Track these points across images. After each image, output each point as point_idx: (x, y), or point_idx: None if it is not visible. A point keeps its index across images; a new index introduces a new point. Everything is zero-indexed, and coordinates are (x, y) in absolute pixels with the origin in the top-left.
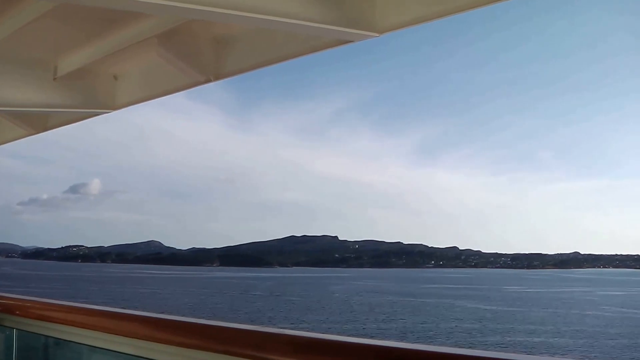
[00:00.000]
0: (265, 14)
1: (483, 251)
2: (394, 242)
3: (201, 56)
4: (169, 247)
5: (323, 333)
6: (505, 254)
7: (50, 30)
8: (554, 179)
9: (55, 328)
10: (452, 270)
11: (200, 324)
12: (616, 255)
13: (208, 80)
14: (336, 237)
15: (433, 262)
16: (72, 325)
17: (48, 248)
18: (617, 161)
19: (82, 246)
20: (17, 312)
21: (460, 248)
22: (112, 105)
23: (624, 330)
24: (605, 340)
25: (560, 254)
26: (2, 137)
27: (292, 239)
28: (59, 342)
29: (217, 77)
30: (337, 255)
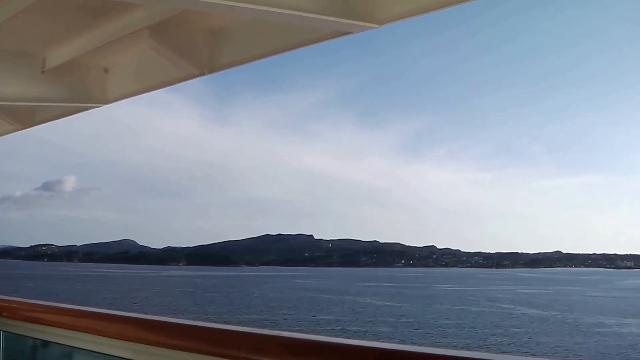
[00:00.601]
0: (261, 4)
1: (462, 250)
2: (370, 241)
3: (195, 48)
4: (143, 245)
5: (320, 335)
6: (480, 252)
7: (39, 21)
8: (544, 175)
9: (43, 330)
10: (417, 270)
11: (195, 325)
12: (592, 254)
13: (202, 74)
14: (311, 235)
15: (404, 261)
16: (61, 327)
17: (17, 247)
18: (609, 157)
19: (52, 245)
20: (4, 314)
21: (438, 247)
22: (102, 99)
23: (477, 323)
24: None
25: (537, 253)
26: None
27: (267, 237)
28: (47, 344)
29: (212, 70)
30: (307, 254)
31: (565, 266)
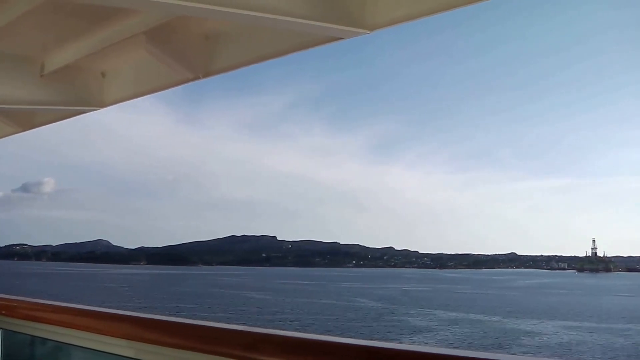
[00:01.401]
0: (255, 10)
1: (420, 251)
2: (330, 242)
3: (190, 53)
4: (116, 245)
5: (315, 334)
6: (429, 254)
7: (37, 26)
8: (514, 178)
9: (42, 328)
10: (358, 270)
11: (191, 324)
12: (539, 256)
13: (197, 78)
14: (275, 237)
15: (355, 262)
16: (60, 326)
17: None
18: (577, 162)
19: (26, 245)
20: (4, 312)
21: (395, 248)
22: (100, 102)
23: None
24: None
25: (486, 254)
26: None
27: (232, 238)
28: (46, 341)
29: (207, 75)
30: (264, 255)
31: (507, 267)
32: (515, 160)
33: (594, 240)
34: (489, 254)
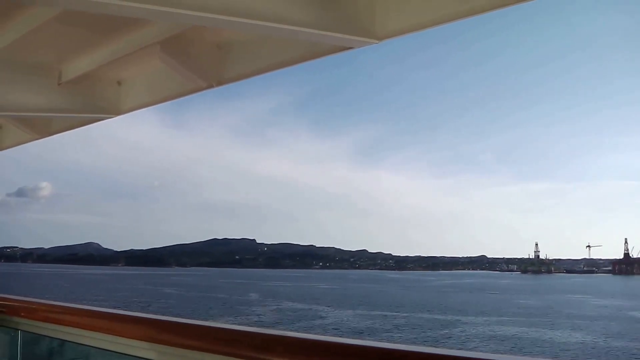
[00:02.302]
0: (266, 20)
1: (388, 254)
2: (307, 245)
3: (203, 62)
4: (106, 248)
5: (327, 335)
6: (396, 256)
7: (55, 36)
8: (496, 182)
9: (60, 330)
10: (320, 270)
11: (204, 326)
12: (499, 258)
13: (210, 86)
14: (254, 240)
15: (321, 263)
16: (78, 327)
17: None
18: (559, 164)
19: (17, 247)
20: (22, 314)
21: (369, 251)
22: (115, 110)
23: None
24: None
25: (451, 257)
26: (6, 141)
27: (214, 241)
28: (64, 343)
29: (220, 83)
30: (237, 257)
31: (466, 269)
32: (498, 164)
33: (536, 244)
34: (456, 256)
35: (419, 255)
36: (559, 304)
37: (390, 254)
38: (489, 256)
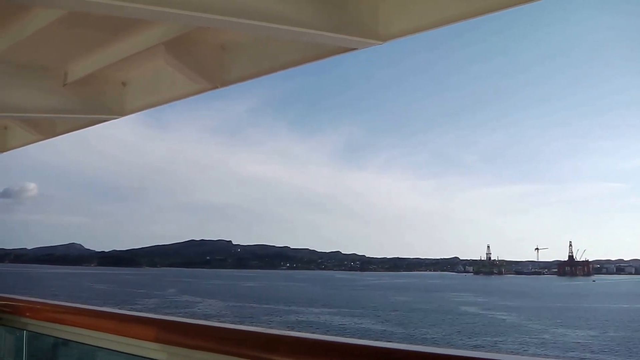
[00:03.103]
0: (270, 21)
1: (367, 255)
2: (282, 246)
3: (207, 63)
4: (88, 249)
5: (330, 335)
6: (361, 256)
7: (60, 37)
8: (478, 183)
9: (65, 330)
10: (286, 271)
11: (208, 325)
12: (465, 260)
13: (215, 87)
14: (230, 241)
15: (288, 264)
16: (82, 327)
17: None
18: (544, 167)
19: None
20: (27, 314)
21: (343, 252)
22: (120, 111)
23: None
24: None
25: (412, 258)
26: (11, 142)
27: (191, 242)
28: (68, 343)
29: (223, 84)
30: (208, 257)
31: (426, 270)
32: (482, 165)
33: (488, 246)
34: (421, 257)
35: (384, 257)
36: (417, 301)
37: (364, 256)
38: (461, 258)
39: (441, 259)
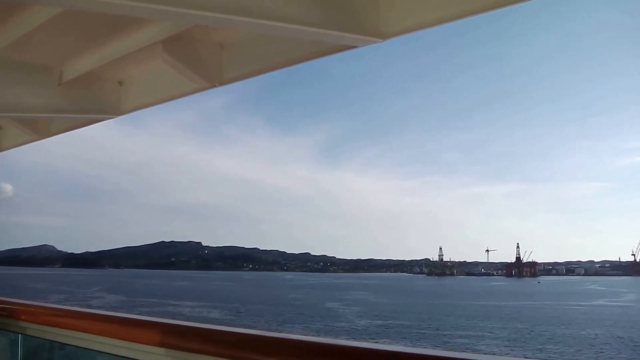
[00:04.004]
0: (269, 19)
1: (337, 257)
2: (251, 248)
3: (205, 62)
4: (60, 250)
5: (332, 338)
6: (334, 257)
7: (56, 36)
8: (459, 183)
9: (60, 333)
10: (247, 272)
11: (207, 328)
12: (415, 261)
13: (213, 86)
14: (200, 242)
15: (251, 265)
16: (78, 331)
17: None
18: (528, 167)
19: None
20: (22, 317)
21: (312, 254)
22: (117, 111)
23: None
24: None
25: (382, 259)
26: (6, 142)
27: (161, 244)
28: (64, 347)
29: (222, 83)
30: (173, 259)
31: (387, 271)
32: (466, 165)
33: (440, 248)
34: (382, 259)
35: (350, 259)
36: (308, 297)
37: (334, 257)
38: (432, 259)
39: (405, 260)
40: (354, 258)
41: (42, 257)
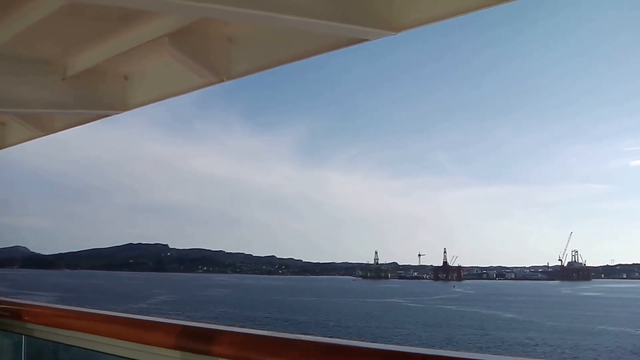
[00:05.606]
0: (277, 12)
1: (304, 260)
2: (217, 250)
3: (213, 56)
4: (33, 252)
5: (341, 339)
6: (295, 259)
7: (60, 29)
8: (445, 185)
9: (64, 334)
10: (202, 274)
11: (213, 329)
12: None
13: (221, 81)
14: (167, 245)
15: (205, 267)
16: (82, 331)
17: None
18: (517, 169)
19: None
20: (26, 318)
21: (277, 257)
22: (122, 106)
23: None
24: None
25: (316, 262)
26: (10, 139)
27: (129, 245)
28: (68, 348)
29: (230, 77)
30: (131, 261)
31: (336, 274)
32: (453, 166)
33: (376, 252)
34: (334, 262)
35: (302, 261)
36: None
37: (300, 260)
38: (400, 263)
39: (351, 263)
40: (314, 261)
41: (5, 258)
